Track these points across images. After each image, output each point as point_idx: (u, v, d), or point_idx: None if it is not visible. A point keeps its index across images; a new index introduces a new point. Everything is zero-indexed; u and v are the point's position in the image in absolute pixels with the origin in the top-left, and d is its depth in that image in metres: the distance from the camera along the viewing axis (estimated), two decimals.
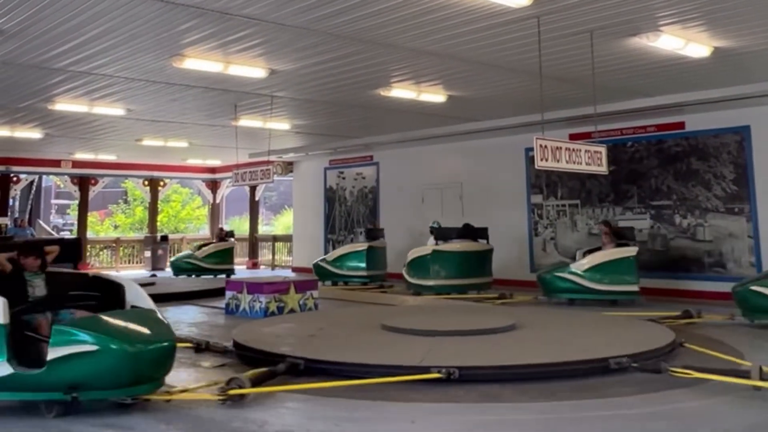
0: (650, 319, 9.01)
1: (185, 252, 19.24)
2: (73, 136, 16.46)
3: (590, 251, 12.04)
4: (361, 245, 15.71)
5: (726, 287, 11.81)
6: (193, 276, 17.85)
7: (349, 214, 19.58)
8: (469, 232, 13.80)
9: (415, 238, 16.62)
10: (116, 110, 12.94)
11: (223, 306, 11.08)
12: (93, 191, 22.75)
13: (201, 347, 7.70)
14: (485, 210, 15.81)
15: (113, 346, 5.08)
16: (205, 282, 15.78)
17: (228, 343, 7.60)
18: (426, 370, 5.91)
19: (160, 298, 12.11)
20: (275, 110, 13.11)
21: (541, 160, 8.39)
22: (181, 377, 6.39)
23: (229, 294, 10.92)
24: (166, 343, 5.39)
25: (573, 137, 13.12)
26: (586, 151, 9.00)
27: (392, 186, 18.34)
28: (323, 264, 16.04)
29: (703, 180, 12.74)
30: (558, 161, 8.62)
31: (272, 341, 7.52)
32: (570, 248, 14.39)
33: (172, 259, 19.72)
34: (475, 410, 5.32)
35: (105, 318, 5.42)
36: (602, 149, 9.25)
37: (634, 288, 11.32)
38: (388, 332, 7.84)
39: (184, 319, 10.42)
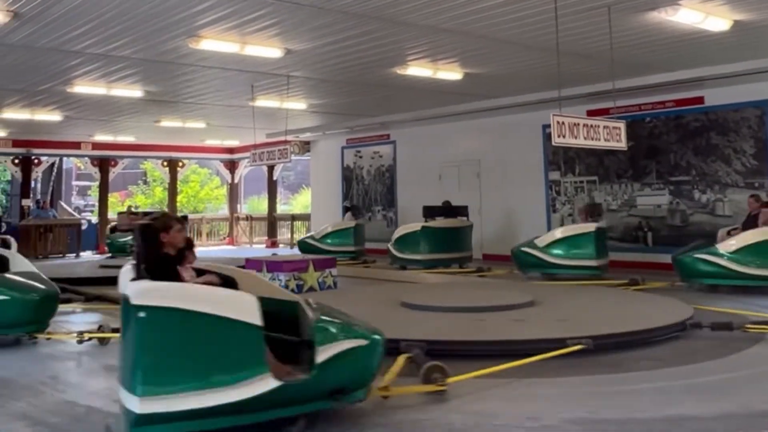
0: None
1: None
2: (92, 118, 16.55)
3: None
4: (349, 223, 16.54)
5: None
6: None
7: (367, 193, 19.58)
8: (450, 209, 14.49)
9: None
10: (134, 92, 12.99)
11: None
12: (113, 173, 22.90)
13: None
14: (503, 187, 15.77)
15: (377, 338, 4.51)
16: (225, 261, 15.88)
17: None
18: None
19: None
20: (292, 90, 13.10)
21: (558, 136, 8.30)
22: None
23: None
24: (380, 338, 4.62)
25: (591, 113, 13.02)
26: (604, 127, 8.90)
27: (409, 164, 18.30)
28: (310, 241, 16.65)
29: (722, 155, 12.61)
30: (576, 137, 8.52)
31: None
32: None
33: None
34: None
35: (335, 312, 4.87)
36: (621, 125, 9.13)
37: (593, 263, 11.46)
38: (407, 309, 7.88)
39: None
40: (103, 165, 22.54)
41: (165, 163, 24.31)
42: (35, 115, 15.66)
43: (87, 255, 20.36)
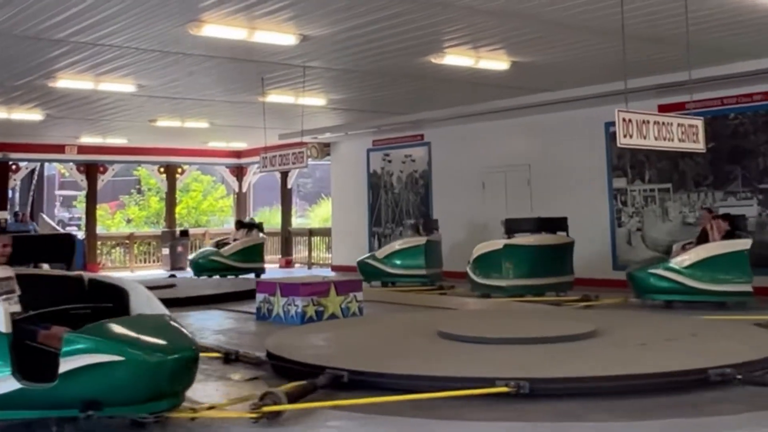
0: (758, 323, 8.82)
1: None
2: (77, 117, 16.74)
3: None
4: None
5: None
6: (217, 276, 18.05)
7: (397, 204, 19.57)
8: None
9: (476, 230, 16.57)
10: (126, 86, 13.11)
11: (254, 310, 11.18)
12: (102, 180, 23.16)
13: (231, 357, 7.80)
14: (558, 196, 15.67)
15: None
16: (232, 283, 15.96)
17: (261, 353, 7.67)
18: (490, 382, 5.90)
19: (180, 303, 12.45)
20: (308, 83, 13.15)
21: (624, 136, 8.32)
22: (207, 392, 6.44)
23: (260, 297, 11.02)
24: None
25: (663, 109, 12.89)
26: (678, 124, 8.88)
27: (447, 170, 18.27)
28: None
29: None
30: (645, 137, 8.55)
31: (312, 351, 7.63)
32: (660, 241, 14.16)
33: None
34: (549, 431, 5.27)
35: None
36: (698, 122, 9.09)
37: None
38: (446, 340, 7.90)
39: (210, 326, 10.57)
40: (91, 171, 22.80)
41: (162, 170, 24.54)
42: (12, 113, 15.88)
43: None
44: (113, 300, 6.16)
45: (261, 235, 19.32)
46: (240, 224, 19.75)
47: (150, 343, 5.36)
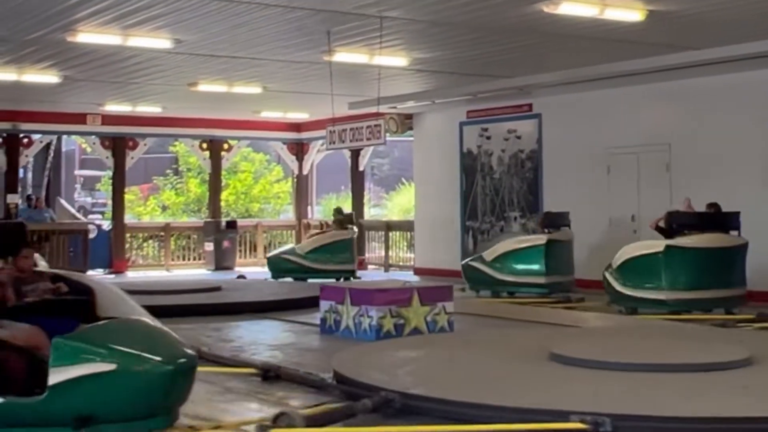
0: None
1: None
2: (101, 80, 17.05)
3: None
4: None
5: None
6: (289, 279, 18.57)
7: (498, 192, 19.46)
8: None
9: (602, 227, 16.57)
10: (160, 41, 13.28)
11: (317, 322, 11.27)
12: (131, 158, 23.59)
13: (270, 374, 8.01)
14: (707, 184, 15.33)
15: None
16: (293, 288, 16.14)
17: (327, 375, 7.75)
18: (564, 416, 5.98)
19: (227, 310, 12.71)
20: (387, 38, 13.14)
21: None
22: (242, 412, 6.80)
23: (325, 305, 11.13)
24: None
25: None
26: None
27: (562, 149, 18.15)
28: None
29: None
30: None
31: (390, 373, 7.77)
32: None
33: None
34: None
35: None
36: None
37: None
38: (559, 364, 7.98)
39: (264, 340, 10.81)
40: (118, 147, 23.24)
41: (204, 146, 24.87)
42: (23, 75, 16.24)
43: (96, 274, 20.96)
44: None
45: (353, 228, 19.68)
46: (339, 213, 20.09)
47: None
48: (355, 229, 19.84)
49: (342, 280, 17.71)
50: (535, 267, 15.46)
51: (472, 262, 16.44)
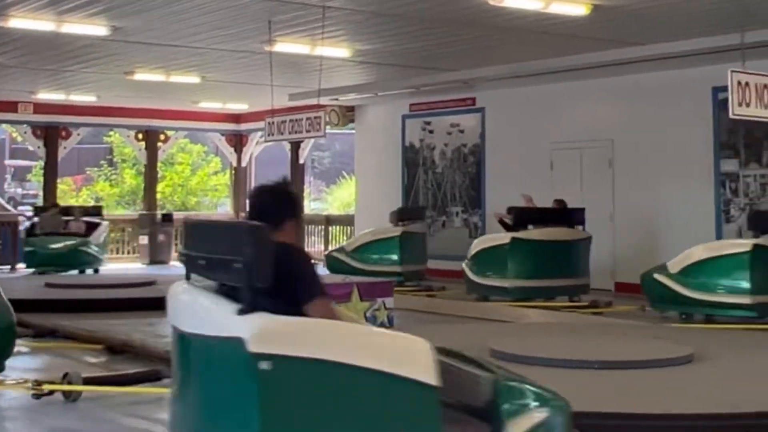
0: None
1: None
2: (34, 67, 16.85)
3: None
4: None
5: None
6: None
7: (440, 186, 19.52)
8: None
9: None
10: (96, 28, 13.12)
11: None
12: (64, 148, 23.30)
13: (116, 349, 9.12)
14: (648, 182, 15.59)
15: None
16: None
17: None
18: None
19: (160, 304, 12.57)
20: (329, 28, 13.08)
21: (739, 105, 8.28)
22: None
23: None
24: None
25: None
26: None
27: (505, 144, 18.26)
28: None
29: None
30: (767, 107, 8.46)
31: None
32: None
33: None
34: None
35: None
36: None
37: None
38: (500, 361, 7.88)
39: None
40: (50, 136, 22.95)
41: (140, 136, 24.65)
42: None
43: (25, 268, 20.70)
44: None
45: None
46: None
47: None
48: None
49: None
50: (392, 257, 16.57)
51: (334, 253, 17.41)
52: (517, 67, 16.31)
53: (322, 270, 16.24)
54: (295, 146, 23.92)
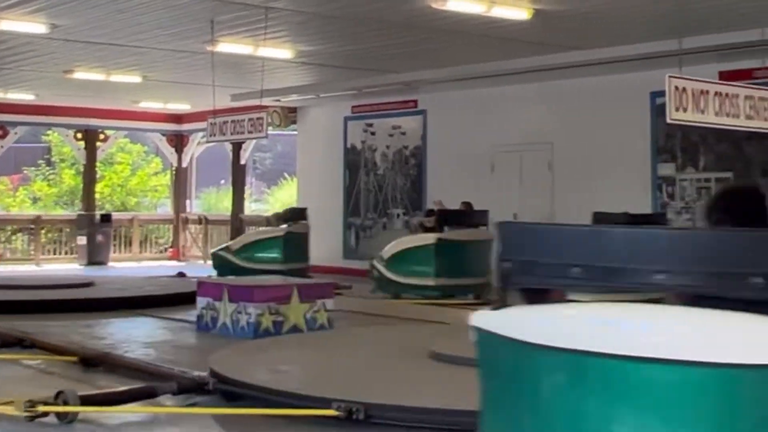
0: None
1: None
2: None
3: None
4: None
5: None
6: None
7: (381, 188, 19.56)
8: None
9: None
10: (35, 25, 13.02)
11: (194, 319, 11.16)
12: (1, 147, 23.02)
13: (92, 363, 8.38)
14: (588, 185, 15.71)
15: None
16: (170, 284, 15.89)
17: (203, 372, 7.64)
18: (326, 403, 6.26)
19: (100, 306, 12.44)
20: (272, 29, 13.05)
21: (677, 110, 8.44)
22: None
23: (201, 302, 10.95)
24: None
25: (726, 76, 12.93)
26: (746, 97, 9.02)
27: (446, 146, 18.32)
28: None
29: None
30: (703, 112, 8.70)
31: (269, 371, 7.70)
32: None
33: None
34: None
35: None
36: None
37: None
38: (438, 362, 7.96)
39: (137, 337, 10.58)
40: None
41: (79, 135, 24.38)
42: None
43: None
44: None
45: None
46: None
47: None
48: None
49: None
50: (275, 256, 17.14)
51: (220, 252, 17.81)
52: (459, 70, 16.41)
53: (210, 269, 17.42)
54: (237, 147, 23.78)
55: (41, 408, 6.30)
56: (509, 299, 3.28)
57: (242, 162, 24.61)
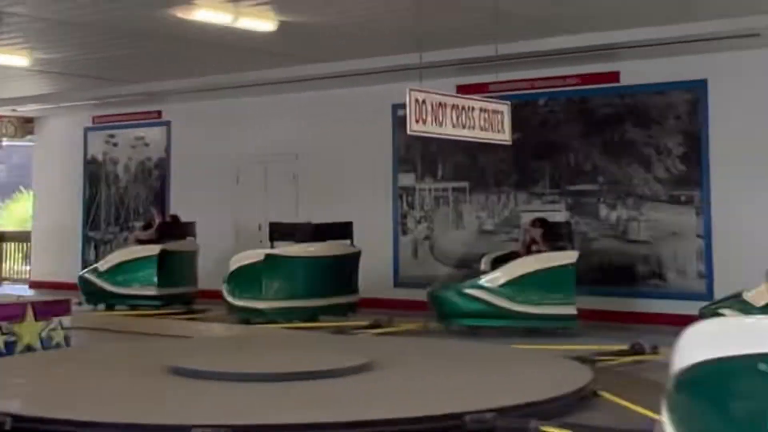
0: (578, 357, 9.33)
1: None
2: None
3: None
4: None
5: (667, 306, 12.58)
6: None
7: (123, 201, 19.19)
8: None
9: (230, 237, 16.74)
10: None
11: None
12: None
13: None
14: (332, 195, 15.92)
15: None
16: None
17: None
18: (186, 430, 5.94)
19: None
20: (7, 35, 12.67)
21: (417, 121, 8.59)
22: None
23: None
24: None
25: (463, 90, 13.35)
26: (481, 110, 9.28)
27: (191, 158, 18.20)
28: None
29: (641, 156, 13.44)
30: (441, 124, 8.88)
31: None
32: (451, 252, 14.85)
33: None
34: None
35: None
36: (504, 108, 9.58)
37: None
38: (179, 377, 7.83)
39: None
40: None
41: None
42: None
43: None
44: None
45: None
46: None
47: None
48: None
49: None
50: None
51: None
52: (203, 81, 16.30)
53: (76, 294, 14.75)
54: None
55: None
56: None
57: None
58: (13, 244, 23.03)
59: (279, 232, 13.84)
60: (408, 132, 8.66)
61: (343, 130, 16.10)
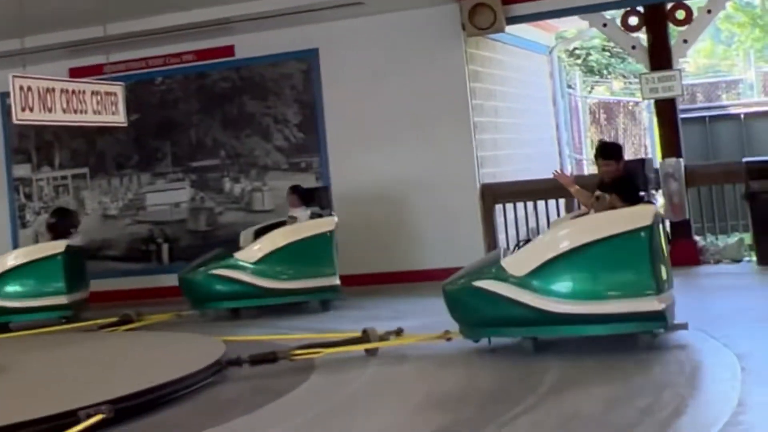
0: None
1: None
2: None
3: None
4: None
5: None
6: None
7: None
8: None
9: None
10: None
11: None
12: None
13: None
14: None
15: None
16: None
17: None
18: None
19: None
20: None
21: (23, 110, 8.42)
22: None
23: None
24: None
25: (76, 73, 13.14)
26: (93, 93, 9.25)
27: None
28: None
29: (260, 127, 13.75)
30: (50, 111, 8.72)
31: None
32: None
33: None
34: None
35: None
36: (117, 89, 9.56)
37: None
38: None
39: None
40: None
41: None
42: None
43: None
44: None
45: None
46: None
47: None
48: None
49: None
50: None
51: None
52: None
53: None
54: None
55: None
56: None
57: None
58: None
59: None
60: (14, 121, 8.35)
61: None
